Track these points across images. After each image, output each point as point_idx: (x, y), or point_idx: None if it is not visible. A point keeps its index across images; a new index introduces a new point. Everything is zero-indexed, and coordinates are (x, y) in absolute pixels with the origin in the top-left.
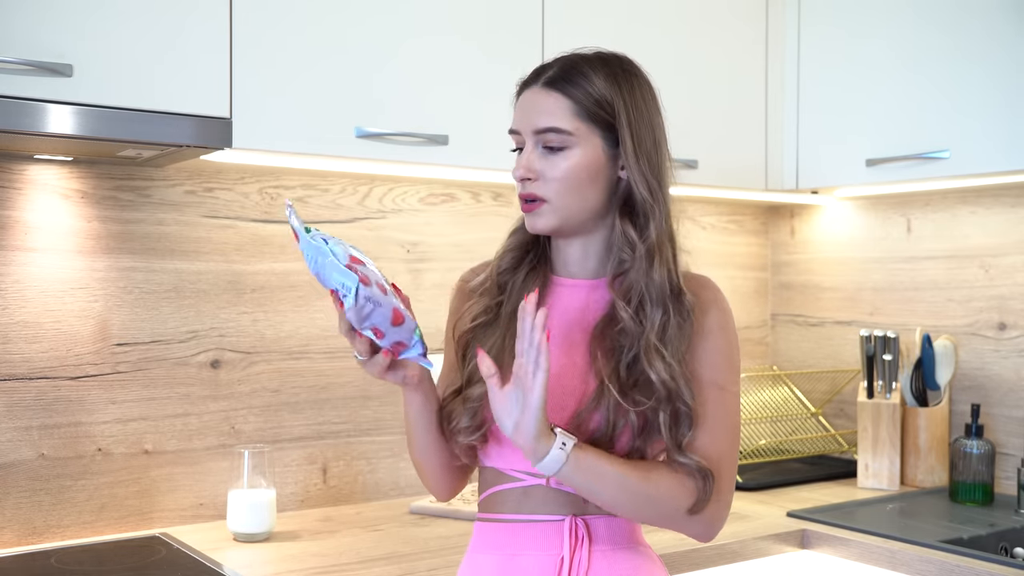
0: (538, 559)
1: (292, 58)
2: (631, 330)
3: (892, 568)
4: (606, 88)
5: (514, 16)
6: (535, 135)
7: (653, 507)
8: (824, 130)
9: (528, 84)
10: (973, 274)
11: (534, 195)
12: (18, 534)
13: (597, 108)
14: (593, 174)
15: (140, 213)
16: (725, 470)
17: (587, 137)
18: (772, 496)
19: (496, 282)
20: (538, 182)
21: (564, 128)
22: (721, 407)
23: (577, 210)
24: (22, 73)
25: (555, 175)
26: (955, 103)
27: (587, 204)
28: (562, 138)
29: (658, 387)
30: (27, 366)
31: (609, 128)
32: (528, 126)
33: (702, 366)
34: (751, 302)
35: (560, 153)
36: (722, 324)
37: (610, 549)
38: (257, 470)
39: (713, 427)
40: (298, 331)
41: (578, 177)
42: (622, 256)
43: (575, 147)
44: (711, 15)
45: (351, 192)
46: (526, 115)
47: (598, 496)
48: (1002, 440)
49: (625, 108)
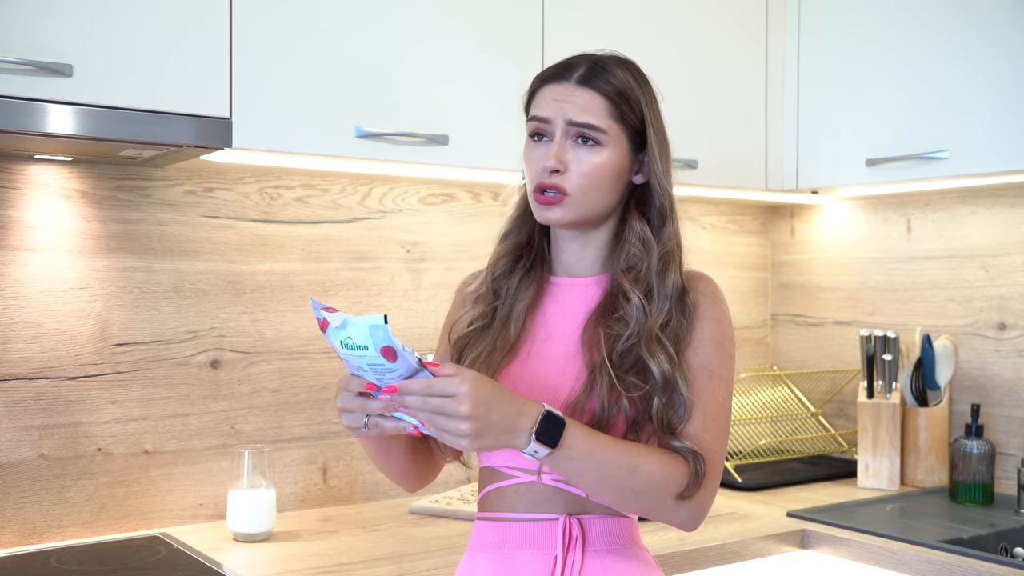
0: (532, 558)
1: (292, 58)
2: (634, 317)
3: (892, 568)
4: (634, 91)
5: (514, 17)
6: (570, 127)
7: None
8: (824, 130)
9: (555, 78)
10: (973, 274)
11: (558, 186)
12: (18, 534)
13: (629, 111)
14: (616, 174)
15: (140, 213)
16: (713, 457)
17: (617, 138)
18: (772, 496)
19: (490, 288)
20: (564, 175)
21: (601, 126)
22: (710, 394)
23: (595, 207)
24: (22, 73)
25: (583, 170)
26: (955, 103)
27: (605, 203)
28: (597, 134)
29: (657, 377)
30: (27, 366)
31: (634, 131)
32: (561, 116)
33: (693, 352)
34: (751, 302)
35: (591, 149)
36: (714, 314)
37: (604, 550)
38: (257, 470)
39: (703, 414)
40: (298, 331)
41: (604, 176)
42: (633, 251)
43: (607, 146)
44: (711, 16)
45: (351, 192)
46: (560, 106)
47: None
48: (1002, 440)
49: (650, 112)
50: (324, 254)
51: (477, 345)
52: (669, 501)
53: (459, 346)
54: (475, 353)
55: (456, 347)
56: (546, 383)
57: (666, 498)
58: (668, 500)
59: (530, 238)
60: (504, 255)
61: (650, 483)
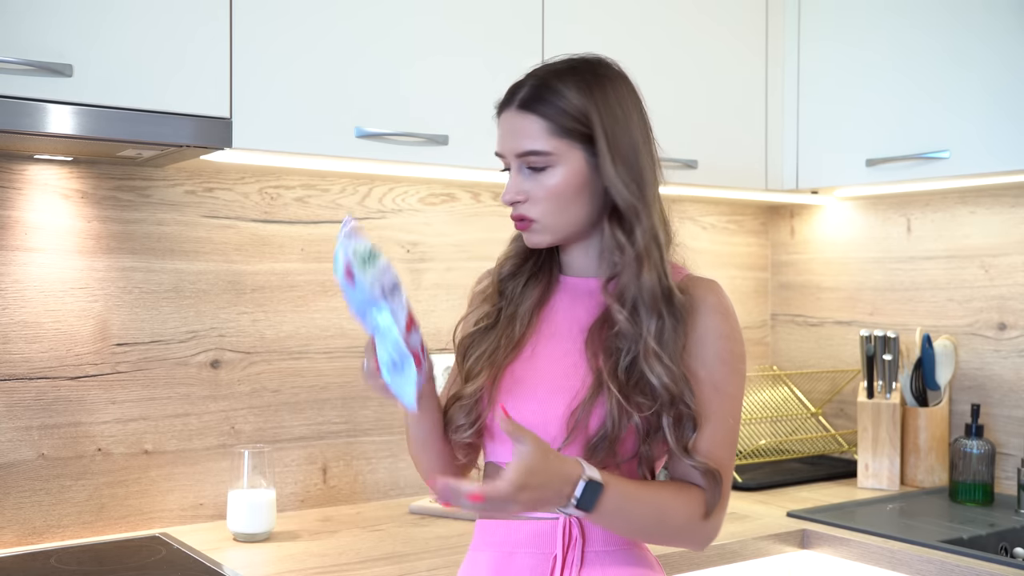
0: (532, 557)
1: (292, 58)
2: (627, 333)
3: (892, 568)
4: (579, 100)
5: (514, 16)
6: (517, 158)
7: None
8: (824, 130)
9: (505, 106)
10: (973, 274)
11: (524, 216)
12: (18, 534)
13: (573, 123)
14: (578, 188)
15: (140, 213)
16: (726, 475)
17: (567, 153)
18: (772, 496)
19: (497, 288)
20: (527, 203)
21: (543, 149)
22: (721, 412)
23: (566, 223)
24: (22, 73)
25: (541, 195)
26: (955, 103)
27: (576, 216)
28: (543, 159)
29: (660, 391)
30: (27, 366)
31: (588, 139)
32: (510, 150)
33: (703, 368)
34: (751, 302)
35: (544, 173)
36: (724, 332)
37: (604, 551)
38: (257, 470)
39: (714, 431)
40: (298, 331)
41: (564, 194)
42: (613, 259)
43: (557, 165)
44: (711, 16)
45: (351, 192)
46: (507, 139)
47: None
48: (1002, 440)
49: (599, 117)
50: (324, 254)
51: (481, 343)
52: (687, 535)
53: (463, 345)
54: (479, 351)
55: (460, 346)
56: (551, 385)
57: (685, 533)
58: (686, 534)
59: None
60: (512, 255)
61: (675, 526)
